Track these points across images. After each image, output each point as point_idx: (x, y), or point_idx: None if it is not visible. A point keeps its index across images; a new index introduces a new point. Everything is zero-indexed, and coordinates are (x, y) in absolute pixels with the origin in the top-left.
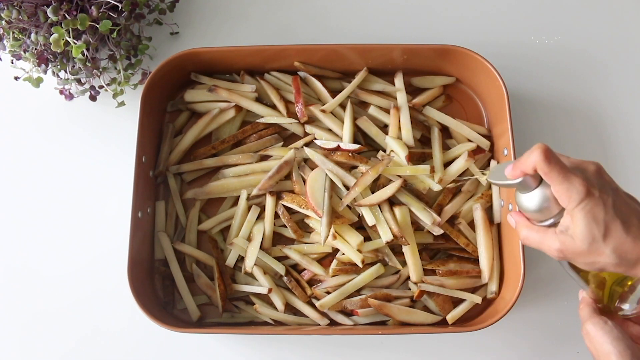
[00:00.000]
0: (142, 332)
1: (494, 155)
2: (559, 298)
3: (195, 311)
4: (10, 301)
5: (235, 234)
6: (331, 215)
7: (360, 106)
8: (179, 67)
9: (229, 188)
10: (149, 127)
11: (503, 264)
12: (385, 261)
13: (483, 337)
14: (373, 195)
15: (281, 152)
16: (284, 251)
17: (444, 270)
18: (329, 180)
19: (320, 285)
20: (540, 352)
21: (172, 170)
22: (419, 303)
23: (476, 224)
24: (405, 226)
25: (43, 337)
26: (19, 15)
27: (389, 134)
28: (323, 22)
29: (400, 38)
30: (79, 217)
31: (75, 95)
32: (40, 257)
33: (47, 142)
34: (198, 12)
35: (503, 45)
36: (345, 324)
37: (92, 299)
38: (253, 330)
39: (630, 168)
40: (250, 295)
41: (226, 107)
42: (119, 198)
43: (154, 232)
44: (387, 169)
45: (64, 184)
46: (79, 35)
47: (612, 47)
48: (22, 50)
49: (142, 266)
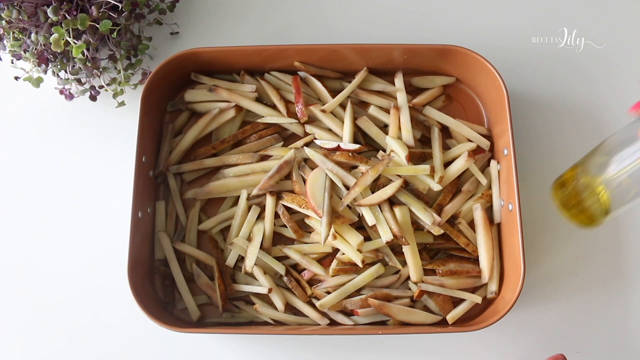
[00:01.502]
0: (142, 332)
1: (494, 155)
2: (559, 298)
3: (195, 311)
4: (10, 303)
5: (236, 233)
6: (331, 215)
7: (360, 106)
8: (179, 67)
9: (229, 188)
10: (149, 127)
11: (503, 264)
12: (385, 261)
13: (483, 337)
14: (373, 195)
15: (281, 152)
16: (284, 251)
17: (444, 270)
18: (329, 180)
19: (321, 285)
20: (541, 352)
21: (172, 170)
22: (419, 303)
23: (476, 224)
24: (405, 226)
25: (42, 336)
26: (19, 15)
27: (389, 134)
28: (323, 22)
29: (400, 38)
30: (79, 217)
31: (75, 95)
32: (40, 257)
33: (47, 142)
34: (198, 12)
35: (503, 45)
36: (346, 324)
37: (92, 299)
38: (253, 330)
39: None
40: (251, 295)
41: (226, 107)
42: (119, 198)
43: (154, 232)
44: (387, 169)
45: (64, 184)
46: (79, 35)
47: (613, 47)
48: (22, 50)
49: (142, 266)
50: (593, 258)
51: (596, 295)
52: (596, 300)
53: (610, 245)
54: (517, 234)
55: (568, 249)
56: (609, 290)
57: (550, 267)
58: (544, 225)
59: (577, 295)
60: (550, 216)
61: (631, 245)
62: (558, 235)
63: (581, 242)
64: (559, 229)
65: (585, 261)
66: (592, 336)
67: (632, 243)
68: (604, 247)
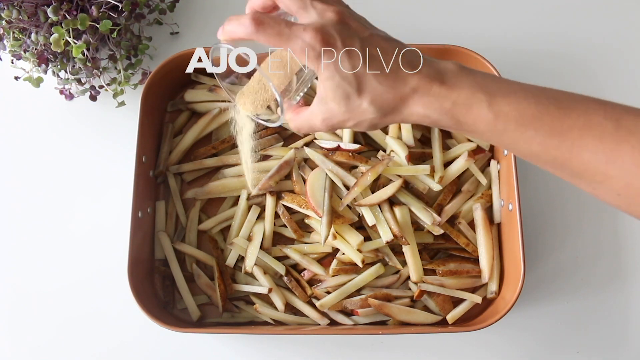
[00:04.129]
0: (142, 332)
1: (494, 155)
2: (559, 298)
3: (195, 311)
4: (9, 303)
5: (236, 233)
6: (331, 215)
7: None
8: (179, 67)
9: (229, 188)
10: (149, 127)
11: (503, 264)
12: (385, 261)
13: (483, 337)
14: (373, 195)
15: (281, 152)
16: (284, 251)
17: (444, 270)
18: (329, 180)
19: (321, 285)
20: (541, 352)
21: (172, 170)
22: (419, 303)
23: (476, 224)
24: (405, 226)
25: (42, 336)
26: (19, 15)
27: (389, 134)
28: None
29: (400, 38)
30: (78, 216)
31: (76, 95)
32: (40, 257)
33: (47, 142)
34: (198, 12)
35: (503, 46)
36: (345, 324)
37: (92, 299)
38: (253, 330)
39: None
40: (251, 295)
41: (226, 107)
42: (119, 198)
43: (154, 232)
44: (387, 169)
45: (63, 184)
46: (79, 35)
47: (614, 49)
48: (22, 50)
49: (142, 266)
50: (593, 258)
51: (596, 295)
52: (596, 300)
53: (610, 245)
54: (517, 234)
55: (568, 248)
56: (609, 290)
57: (550, 267)
58: (544, 225)
59: (577, 295)
60: (550, 216)
61: (631, 245)
62: (558, 235)
63: (581, 242)
64: (559, 229)
65: (585, 261)
66: (592, 336)
67: (632, 243)
68: (604, 247)
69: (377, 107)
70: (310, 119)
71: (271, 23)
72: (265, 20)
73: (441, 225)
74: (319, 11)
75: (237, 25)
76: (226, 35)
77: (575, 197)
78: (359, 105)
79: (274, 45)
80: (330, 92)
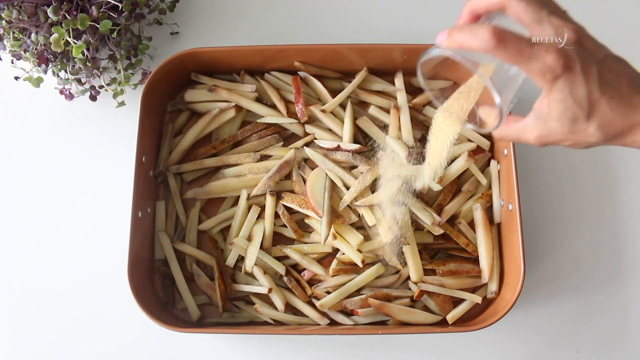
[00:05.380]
0: (142, 332)
1: (494, 155)
2: (559, 298)
3: (195, 311)
4: (9, 304)
5: (236, 233)
6: (331, 215)
7: (360, 106)
8: (179, 67)
9: (229, 188)
10: (149, 127)
11: (503, 264)
12: (385, 261)
13: (483, 337)
14: (373, 195)
15: (281, 152)
16: (284, 251)
17: (444, 270)
18: (329, 180)
19: (321, 285)
20: (540, 352)
21: (172, 170)
22: (419, 303)
23: (476, 224)
24: (405, 226)
25: (42, 336)
26: (19, 15)
27: (389, 134)
28: (323, 22)
29: (400, 38)
30: (78, 216)
31: (76, 95)
32: (40, 257)
33: (47, 142)
34: (198, 12)
35: None
36: (346, 324)
37: (92, 299)
38: (253, 330)
39: (632, 168)
40: (251, 295)
41: (226, 107)
42: (119, 198)
43: (154, 232)
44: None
45: (63, 184)
46: (79, 35)
47: (615, 47)
48: (22, 50)
49: (142, 266)
50: (593, 258)
51: (596, 295)
52: (596, 300)
53: (610, 245)
54: (517, 234)
55: (568, 249)
56: (609, 290)
57: (550, 267)
58: (544, 225)
59: (577, 295)
60: (550, 216)
61: (631, 245)
62: (558, 235)
63: (581, 242)
64: (559, 229)
65: (585, 261)
66: (592, 336)
67: (632, 243)
68: (604, 247)
69: (604, 132)
70: (523, 132)
71: (512, 40)
72: (506, 37)
73: (441, 225)
74: (555, 27)
75: (472, 37)
76: (454, 44)
77: (575, 197)
78: (584, 129)
79: (510, 62)
80: (557, 114)
